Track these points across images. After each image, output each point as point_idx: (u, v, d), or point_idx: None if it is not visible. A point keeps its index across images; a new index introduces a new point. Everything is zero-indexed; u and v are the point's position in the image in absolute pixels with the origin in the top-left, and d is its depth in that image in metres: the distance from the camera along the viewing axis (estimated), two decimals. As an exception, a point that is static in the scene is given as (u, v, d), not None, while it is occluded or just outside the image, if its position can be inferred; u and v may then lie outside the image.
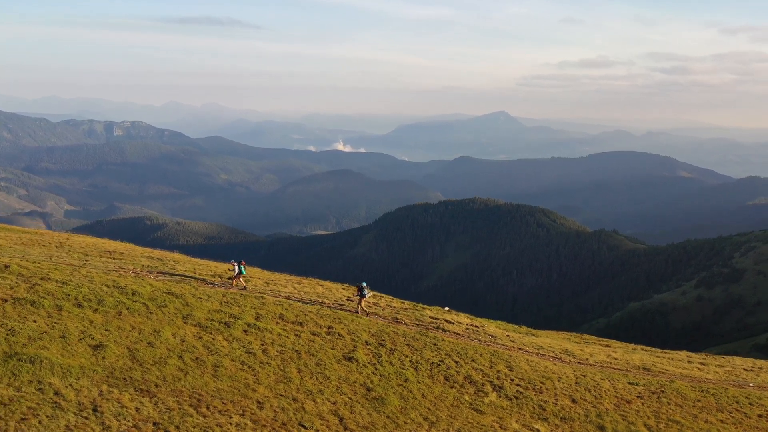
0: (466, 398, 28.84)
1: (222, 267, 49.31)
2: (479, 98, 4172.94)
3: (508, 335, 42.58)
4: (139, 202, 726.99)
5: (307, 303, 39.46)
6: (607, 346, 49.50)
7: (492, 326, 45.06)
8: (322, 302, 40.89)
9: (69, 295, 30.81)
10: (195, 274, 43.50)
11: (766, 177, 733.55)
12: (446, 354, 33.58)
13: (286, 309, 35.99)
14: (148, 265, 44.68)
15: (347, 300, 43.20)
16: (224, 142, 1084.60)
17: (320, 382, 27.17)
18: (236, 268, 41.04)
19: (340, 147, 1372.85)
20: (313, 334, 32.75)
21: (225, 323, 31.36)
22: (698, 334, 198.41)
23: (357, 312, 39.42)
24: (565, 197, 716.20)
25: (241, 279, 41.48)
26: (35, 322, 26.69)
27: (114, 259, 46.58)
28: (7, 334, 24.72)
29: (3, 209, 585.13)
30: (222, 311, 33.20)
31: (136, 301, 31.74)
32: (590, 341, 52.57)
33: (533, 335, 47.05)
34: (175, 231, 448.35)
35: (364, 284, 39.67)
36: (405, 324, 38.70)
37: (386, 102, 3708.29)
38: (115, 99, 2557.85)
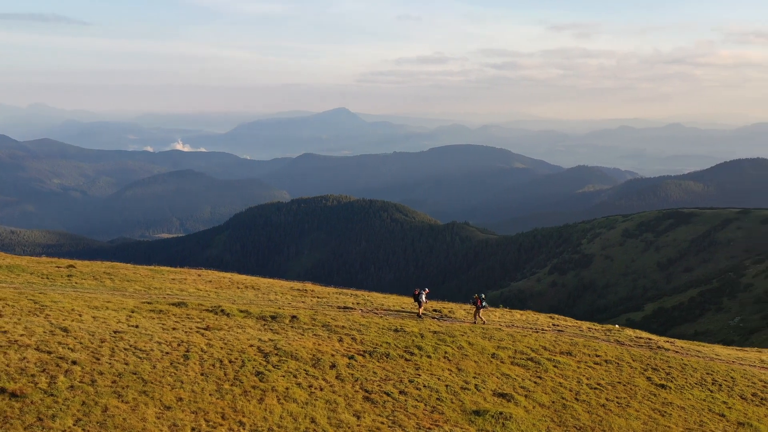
0: (795, 419, 29.49)
1: (430, 303, 47.96)
2: (319, 95, 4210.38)
3: (713, 349, 43.21)
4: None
5: (531, 329, 40.19)
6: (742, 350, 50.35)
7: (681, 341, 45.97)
8: (533, 328, 41.26)
9: (388, 343, 31.19)
10: (404, 308, 43.61)
11: (593, 166, 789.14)
12: (707, 373, 34.12)
13: (535, 339, 36.52)
14: (357, 302, 44.93)
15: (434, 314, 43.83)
16: (54, 145, 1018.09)
17: (684, 418, 27.53)
18: (422, 296, 40.47)
19: (180, 147, 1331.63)
20: (596, 364, 33.28)
21: (531, 359, 32.03)
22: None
23: (475, 323, 39.99)
24: (409, 191, 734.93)
25: (422, 308, 40.90)
26: (420, 376, 27.12)
27: (316, 298, 46.28)
28: (430, 392, 25.40)
29: None
30: (502, 347, 33.55)
31: (438, 345, 32.05)
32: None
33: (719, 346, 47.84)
34: (9, 241, 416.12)
35: (483, 296, 40.27)
36: (630, 346, 39.01)
37: (224, 100, 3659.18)
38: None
